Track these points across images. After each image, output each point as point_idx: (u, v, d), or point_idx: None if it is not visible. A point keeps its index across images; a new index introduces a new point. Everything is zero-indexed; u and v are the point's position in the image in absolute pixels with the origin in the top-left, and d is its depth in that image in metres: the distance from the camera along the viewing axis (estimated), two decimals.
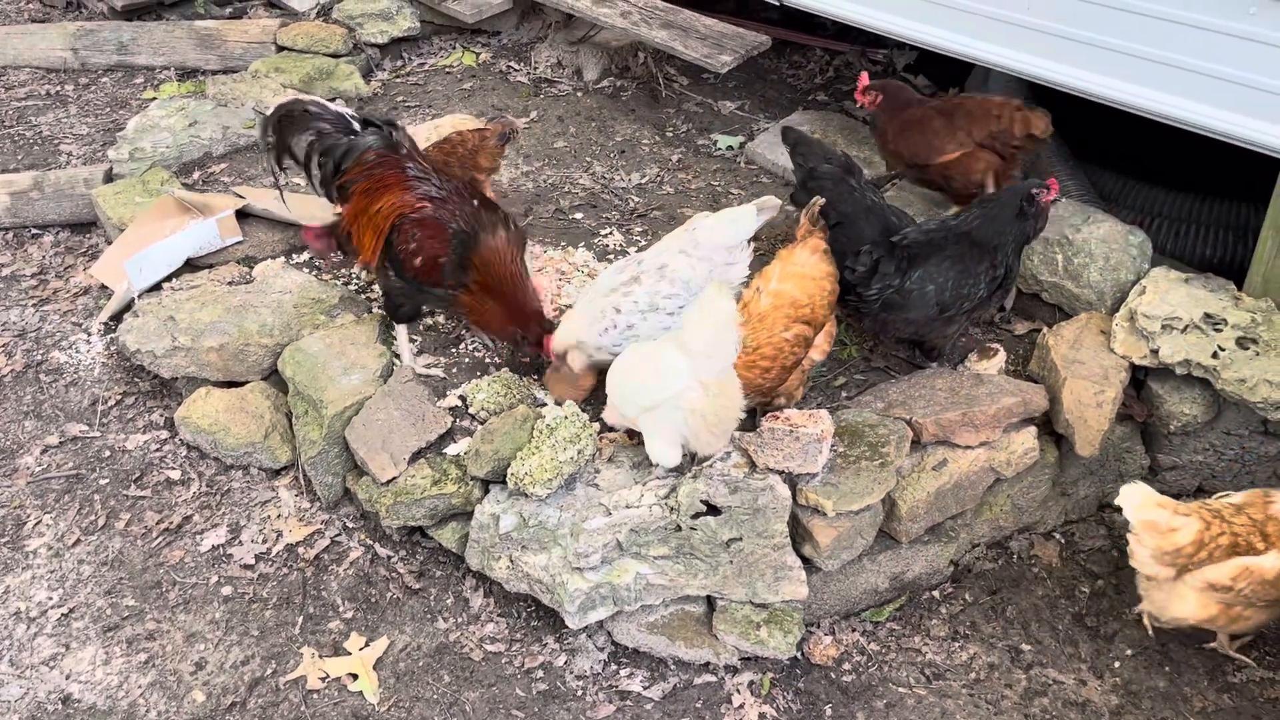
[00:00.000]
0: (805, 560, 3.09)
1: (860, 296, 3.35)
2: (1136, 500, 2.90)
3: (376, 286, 3.87)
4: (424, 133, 4.37)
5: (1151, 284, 3.53)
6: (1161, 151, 4.66)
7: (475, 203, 3.44)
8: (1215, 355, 3.27)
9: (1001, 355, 3.58)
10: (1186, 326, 3.36)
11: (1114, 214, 3.90)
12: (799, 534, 3.10)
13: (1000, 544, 3.50)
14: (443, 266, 3.36)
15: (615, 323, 3.29)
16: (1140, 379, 3.50)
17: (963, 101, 3.89)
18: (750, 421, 3.22)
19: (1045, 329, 3.61)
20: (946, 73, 5.32)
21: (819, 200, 3.29)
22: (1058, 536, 3.55)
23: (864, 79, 3.91)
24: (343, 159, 3.43)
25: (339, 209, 3.56)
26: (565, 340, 3.37)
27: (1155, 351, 3.34)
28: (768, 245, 3.97)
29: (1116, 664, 3.15)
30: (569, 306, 3.86)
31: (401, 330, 3.61)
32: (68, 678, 3.08)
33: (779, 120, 5.01)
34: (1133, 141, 4.69)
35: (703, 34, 4.81)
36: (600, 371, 3.33)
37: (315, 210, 3.87)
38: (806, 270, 3.18)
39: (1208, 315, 3.38)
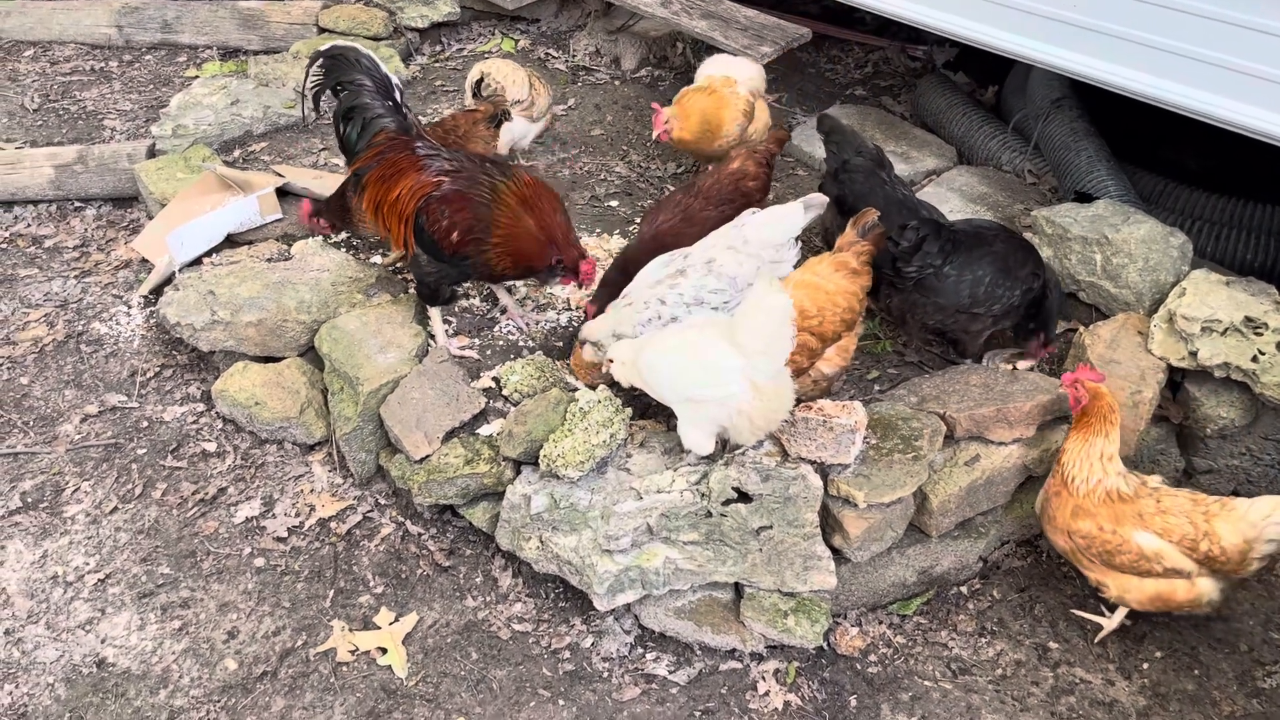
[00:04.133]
0: (834, 551, 3.10)
1: (898, 271, 3.36)
2: None
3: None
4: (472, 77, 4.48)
5: (1192, 286, 3.50)
6: (1203, 154, 4.63)
7: (484, 162, 3.47)
8: (1255, 359, 3.24)
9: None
10: (1226, 329, 3.33)
11: (1154, 215, 3.88)
12: (829, 524, 3.10)
13: (1030, 542, 3.49)
14: (479, 233, 3.38)
15: (660, 314, 3.28)
16: (1177, 381, 3.48)
17: None
18: None
19: (1082, 328, 3.59)
20: (987, 70, 5.29)
21: (871, 212, 3.25)
22: None
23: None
24: (364, 129, 3.45)
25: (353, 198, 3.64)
26: (596, 331, 3.39)
27: (1194, 354, 3.32)
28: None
29: (1145, 665, 3.13)
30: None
31: (435, 312, 3.63)
32: (103, 642, 3.13)
33: (816, 114, 5.00)
34: (1175, 143, 4.65)
35: (743, 25, 4.80)
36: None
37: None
38: (822, 283, 3.18)
39: (1248, 319, 3.34)
